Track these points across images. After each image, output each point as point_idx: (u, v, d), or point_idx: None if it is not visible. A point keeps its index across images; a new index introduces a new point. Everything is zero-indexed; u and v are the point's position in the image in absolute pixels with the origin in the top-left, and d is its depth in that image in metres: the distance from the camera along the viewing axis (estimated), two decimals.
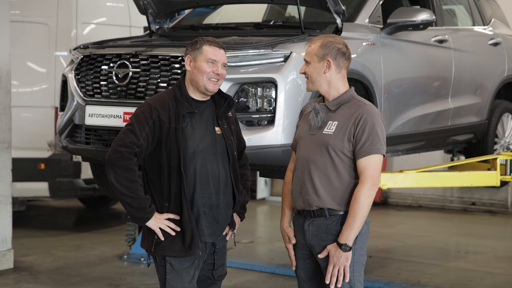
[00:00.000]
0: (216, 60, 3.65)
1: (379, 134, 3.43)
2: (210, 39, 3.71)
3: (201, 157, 3.62)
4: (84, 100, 5.02)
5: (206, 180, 3.63)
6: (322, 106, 3.54)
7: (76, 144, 5.14)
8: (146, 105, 3.64)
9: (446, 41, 6.10)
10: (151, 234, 3.63)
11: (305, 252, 3.59)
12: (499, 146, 6.78)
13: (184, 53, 3.74)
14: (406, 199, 11.11)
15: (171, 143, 3.58)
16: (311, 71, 3.52)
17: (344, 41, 3.57)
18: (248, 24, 5.49)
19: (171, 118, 3.59)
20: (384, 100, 5.25)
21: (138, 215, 3.57)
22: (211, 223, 3.68)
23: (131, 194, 3.53)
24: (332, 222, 3.47)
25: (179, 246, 3.59)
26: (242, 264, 6.94)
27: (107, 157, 3.57)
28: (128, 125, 3.61)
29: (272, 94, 4.53)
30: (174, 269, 3.62)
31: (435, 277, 6.70)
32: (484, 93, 6.56)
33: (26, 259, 7.12)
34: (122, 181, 3.52)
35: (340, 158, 3.45)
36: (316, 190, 3.47)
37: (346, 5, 5.13)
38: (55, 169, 8.14)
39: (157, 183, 3.63)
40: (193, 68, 3.65)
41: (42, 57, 8.34)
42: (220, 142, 3.69)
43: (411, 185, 5.66)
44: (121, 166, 3.52)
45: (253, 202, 11.32)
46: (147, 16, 5.57)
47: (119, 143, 3.56)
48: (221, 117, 3.73)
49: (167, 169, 3.59)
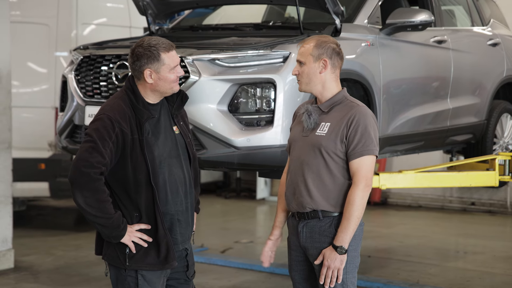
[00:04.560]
0: (177, 64, 3.45)
1: (372, 135, 3.43)
2: (163, 44, 3.41)
3: (167, 164, 3.43)
4: (84, 101, 5.04)
5: (175, 187, 3.47)
6: (314, 107, 3.53)
7: (76, 145, 5.16)
8: (105, 117, 3.33)
9: (445, 42, 6.11)
10: (121, 247, 3.40)
11: (299, 254, 3.58)
12: (498, 147, 6.79)
13: (136, 65, 3.41)
14: (406, 199, 11.12)
15: (137, 156, 3.36)
16: (306, 71, 3.49)
17: (337, 41, 3.56)
18: (247, 24, 5.50)
19: (133, 129, 3.36)
20: (383, 101, 5.27)
21: (112, 234, 3.34)
22: (185, 228, 3.54)
23: (103, 215, 3.29)
24: (325, 224, 3.46)
25: (154, 259, 3.40)
26: (241, 264, 6.95)
27: (71, 179, 3.29)
28: (89, 141, 3.31)
29: (271, 94, 4.54)
30: (146, 281, 3.42)
31: (434, 277, 6.72)
32: (483, 93, 6.57)
33: (27, 259, 7.13)
34: (93, 203, 3.27)
35: (333, 159, 3.44)
36: (309, 191, 3.46)
37: (345, 6, 5.15)
38: (55, 169, 8.16)
39: (123, 196, 3.40)
40: (156, 80, 3.40)
41: (43, 58, 8.35)
42: (180, 142, 3.52)
43: (410, 185, 5.67)
44: (90, 189, 3.27)
45: (252, 202, 11.33)
46: (147, 17, 5.59)
47: (84, 164, 3.27)
48: (176, 114, 3.54)
49: (133, 182, 3.37)
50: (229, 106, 4.56)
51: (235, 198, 11.69)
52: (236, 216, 10.28)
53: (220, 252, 7.64)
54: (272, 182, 11.51)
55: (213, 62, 4.59)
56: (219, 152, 4.52)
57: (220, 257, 7.31)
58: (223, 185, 12.34)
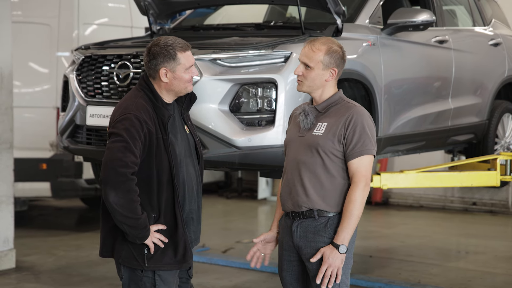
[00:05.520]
0: (192, 64, 3.49)
1: (370, 135, 3.44)
2: (180, 44, 3.45)
3: (184, 163, 3.48)
4: (85, 101, 5.04)
5: (191, 186, 3.52)
6: (311, 108, 3.55)
7: (77, 145, 5.16)
8: (133, 117, 3.34)
9: (447, 42, 6.11)
10: (138, 249, 3.40)
11: (292, 254, 3.56)
12: (499, 146, 6.79)
13: (152, 63, 3.45)
14: (407, 199, 11.11)
15: (161, 155, 3.38)
16: (313, 76, 3.49)
17: (342, 45, 3.57)
18: (248, 24, 5.50)
19: (157, 129, 3.39)
20: (384, 101, 5.26)
21: (140, 235, 3.35)
22: (197, 226, 3.59)
23: (133, 216, 3.30)
24: (320, 224, 3.45)
25: (171, 258, 3.43)
26: (243, 264, 6.95)
27: (105, 179, 3.27)
28: (120, 141, 3.30)
29: (273, 94, 4.54)
30: (162, 281, 3.43)
31: (436, 277, 6.71)
32: (485, 93, 6.57)
33: (28, 259, 7.14)
34: (125, 204, 3.27)
35: (330, 159, 3.44)
36: (306, 191, 3.46)
37: (347, 6, 5.15)
38: (57, 169, 8.16)
39: (143, 195, 3.39)
40: (171, 79, 3.43)
41: (44, 58, 8.36)
42: (191, 141, 3.57)
43: (411, 185, 5.67)
44: (125, 189, 3.27)
45: (254, 202, 11.34)
46: (148, 17, 5.59)
47: (119, 164, 3.25)
48: (185, 114, 3.59)
49: (156, 181, 3.39)
50: (230, 106, 4.56)
51: (236, 198, 11.69)
52: (237, 216, 10.29)
53: (222, 252, 7.64)
54: (273, 182, 11.51)
55: (215, 62, 4.59)
56: (221, 152, 4.53)
57: (221, 257, 7.31)
58: (225, 185, 12.34)
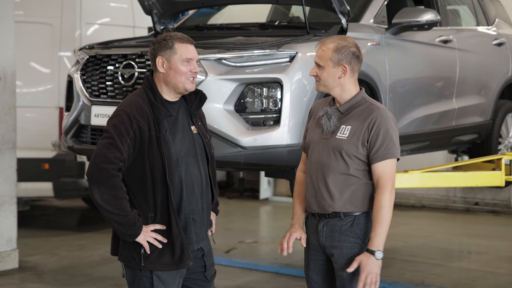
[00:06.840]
0: (191, 58, 3.44)
1: (394, 138, 3.42)
2: (179, 36, 3.46)
3: (184, 162, 3.44)
4: (90, 101, 5.03)
5: (191, 186, 3.47)
6: (333, 110, 3.50)
7: (81, 144, 5.15)
8: (123, 114, 3.36)
9: (451, 41, 6.11)
10: (136, 248, 3.40)
11: (318, 254, 3.57)
12: (503, 146, 6.79)
13: (152, 53, 3.48)
14: (409, 199, 11.10)
15: (153, 153, 3.37)
16: (325, 76, 3.46)
17: (355, 42, 3.53)
18: (253, 24, 5.49)
19: (150, 126, 3.37)
20: (389, 100, 5.26)
21: (128, 232, 3.35)
22: (199, 228, 3.54)
23: (119, 212, 3.30)
24: (347, 223, 3.46)
25: (169, 259, 3.41)
26: (246, 264, 6.94)
27: (89, 175, 3.31)
28: (106, 137, 3.33)
29: (278, 94, 4.53)
30: (161, 281, 3.41)
31: (439, 277, 6.71)
32: (488, 93, 6.57)
33: (31, 259, 7.13)
34: (109, 200, 3.29)
35: (354, 162, 3.43)
36: (331, 195, 3.45)
37: (351, 5, 5.14)
38: (59, 169, 8.14)
39: (139, 194, 3.41)
40: (167, 70, 3.42)
41: (46, 58, 8.34)
42: (198, 142, 3.53)
43: (416, 185, 5.65)
44: (108, 185, 3.28)
45: (256, 202, 11.32)
46: (152, 17, 5.58)
47: (102, 160, 3.28)
48: (194, 114, 3.55)
49: (150, 180, 3.38)
50: (235, 106, 4.55)
51: (238, 198, 11.67)
52: (239, 216, 10.27)
53: (224, 252, 7.63)
54: (275, 182, 11.50)
55: (220, 62, 4.59)
56: (226, 151, 4.52)
57: (224, 257, 7.29)
58: (226, 185, 12.33)
